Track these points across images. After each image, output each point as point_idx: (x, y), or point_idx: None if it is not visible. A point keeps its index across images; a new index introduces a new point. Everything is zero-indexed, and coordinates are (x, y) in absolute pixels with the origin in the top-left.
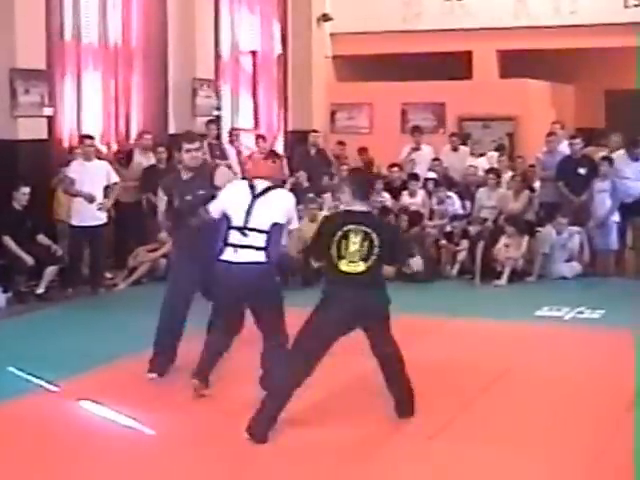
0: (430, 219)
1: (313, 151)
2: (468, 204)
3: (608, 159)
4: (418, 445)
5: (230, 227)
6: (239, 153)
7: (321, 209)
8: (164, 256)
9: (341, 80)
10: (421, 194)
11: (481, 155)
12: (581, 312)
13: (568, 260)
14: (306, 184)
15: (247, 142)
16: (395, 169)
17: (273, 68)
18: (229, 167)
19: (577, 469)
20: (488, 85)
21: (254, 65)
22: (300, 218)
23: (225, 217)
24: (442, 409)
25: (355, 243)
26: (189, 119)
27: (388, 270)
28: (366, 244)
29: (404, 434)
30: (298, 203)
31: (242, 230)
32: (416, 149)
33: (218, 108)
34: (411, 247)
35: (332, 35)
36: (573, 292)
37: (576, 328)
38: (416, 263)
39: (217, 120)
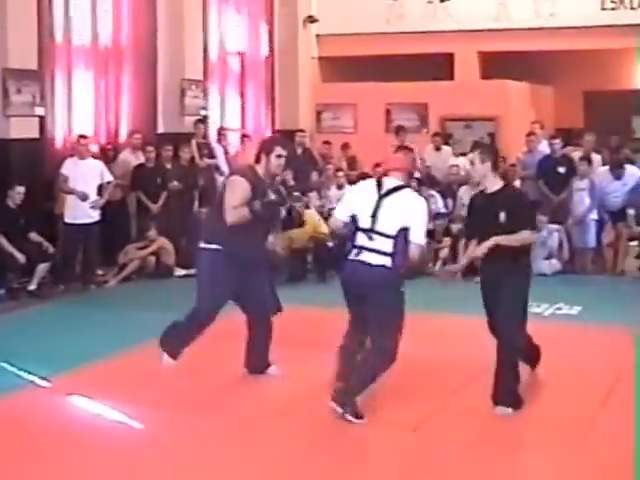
0: None
1: (299, 151)
2: (450, 202)
3: (587, 159)
4: (401, 437)
5: (357, 229)
6: (226, 152)
7: (307, 207)
8: (153, 254)
9: (326, 81)
10: None
11: (462, 155)
12: (559, 308)
13: (547, 257)
14: (292, 183)
15: (235, 141)
16: (379, 169)
17: (260, 69)
18: (217, 167)
19: (552, 462)
20: (469, 86)
21: (242, 66)
22: None
23: (352, 218)
24: (425, 403)
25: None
26: (178, 119)
27: None
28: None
29: (388, 426)
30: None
31: (368, 232)
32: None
33: (206, 108)
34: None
35: (318, 37)
36: (552, 289)
37: (554, 324)
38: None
39: (205, 120)
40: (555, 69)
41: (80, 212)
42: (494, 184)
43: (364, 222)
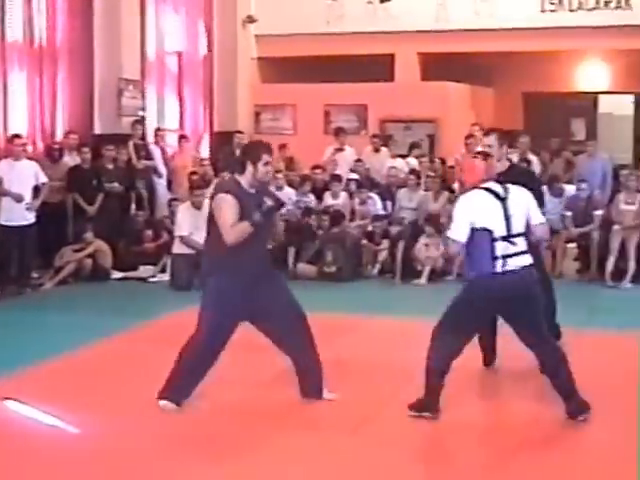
0: (352, 220)
1: (238, 152)
2: (389, 205)
3: (525, 160)
4: (340, 440)
5: (493, 240)
6: (164, 153)
7: None
8: (89, 256)
9: (265, 81)
10: (343, 195)
11: (401, 156)
12: None
13: None
14: None
15: (172, 142)
16: (318, 170)
17: (199, 69)
18: (155, 169)
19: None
20: (409, 87)
21: (180, 66)
22: None
23: (477, 232)
24: (364, 404)
25: None
26: (115, 119)
27: (310, 269)
28: None
29: (327, 429)
30: None
31: (508, 239)
32: (340, 150)
33: (143, 108)
34: None
35: (257, 37)
36: None
37: None
38: None
39: (143, 120)
40: (495, 71)
41: (15, 214)
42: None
43: (499, 230)
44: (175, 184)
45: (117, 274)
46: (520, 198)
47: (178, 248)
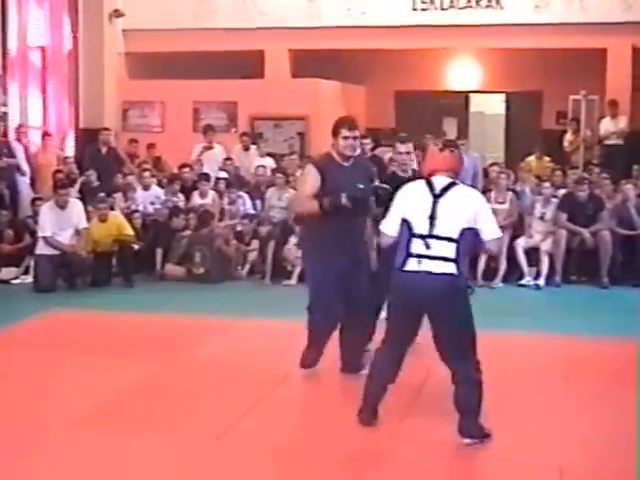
0: (221, 219)
1: (104, 150)
2: (259, 204)
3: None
4: (205, 445)
5: (412, 235)
6: (27, 150)
7: (112, 209)
8: None
9: (133, 78)
10: (212, 194)
11: (269, 155)
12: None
13: None
14: (96, 183)
15: (35, 139)
16: (186, 169)
17: (63, 64)
18: (18, 167)
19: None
20: (280, 84)
21: (43, 61)
22: (89, 219)
23: (403, 224)
24: (229, 409)
25: None
26: None
27: (178, 271)
28: None
29: (191, 434)
30: (86, 203)
31: (425, 239)
32: (209, 148)
33: (5, 104)
34: None
35: (124, 31)
36: None
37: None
38: None
39: (4, 117)
40: (367, 68)
41: None
42: None
43: (420, 227)
44: (39, 183)
45: None
46: (461, 203)
47: (42, 249)
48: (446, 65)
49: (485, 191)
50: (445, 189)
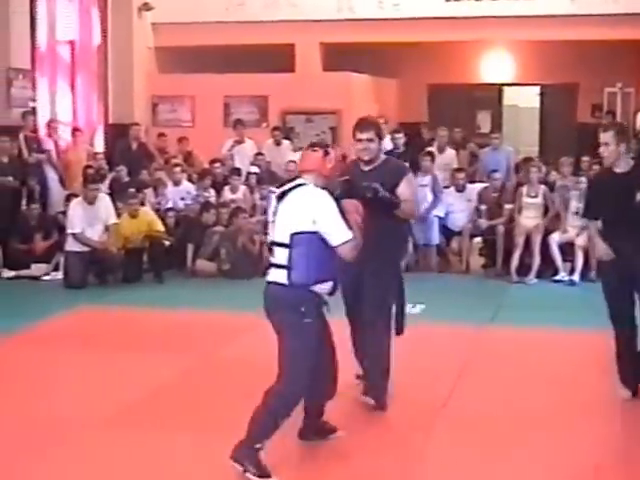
0: (252, 215)
1: (134, 145)
2: None
3: (430, 154)
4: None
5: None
6: (57, 146)
7: (142, 204)
8: None
9: (163, 72)
10: (243, 189)
11: (302, 149)
12: None
13: None
14: (126, 179)
15: (65, 135)
16: (217, 164)
17: (92, 59)
18: (49, 160)
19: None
20: (311, 78)
21: (72, 55)
22: (119, 215)
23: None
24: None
25: None
26: (4, 110)
27: (209, 267)
28: None
29: (220, 433)
30: (116, 199)
31: (270, 246)
32: (239, 143)
33: (34, 99)
34: None
35: (154, 25)
36: None
37: None
38: None
39: (33, 112)
40: (399, 62)
41: None
42: (627, 165)
43: (270, 235)
44: (68, 179)
45: (8, 273)
46: (296, 206)
47: (71, 245)
48: (480, 57)
49: (518, 185)
50: (288, 191)
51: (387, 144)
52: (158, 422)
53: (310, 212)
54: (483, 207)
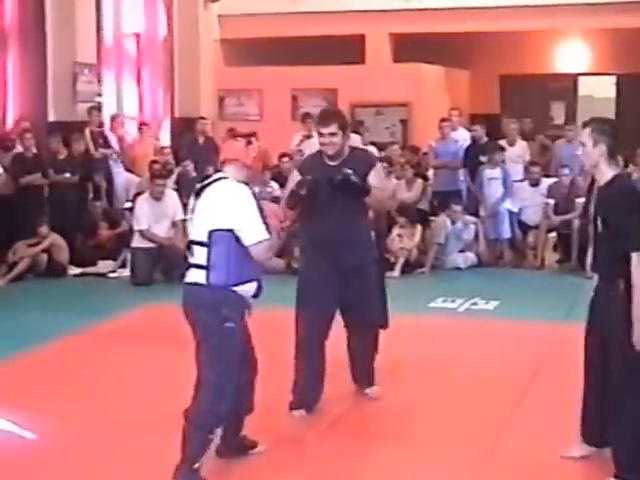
0: None
1: (201, 139)
2: None
3: (499, 147)
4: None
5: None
6: (122, 140)
7: None
8: (45, 251)
9: (230, 65)
10: None
11: (372, 143)
12: (475, 303)
13: (462, 250)
14: (194, 174)
15: (131, 130)
16: (285, 159)
17: (158, 52)
18: (117, 155)
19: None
20: (381, 70)
21: (138, 48)
22: (186, 211)
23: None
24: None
25: None
26: (70, 105)
27: (277, 263)
28: None
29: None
30: (184, 195)
31: (189, 246)
32: (308, 137)
33: (100, 94)
34: None
35: (220, 17)
36: (467, 283)
37: (470, 320)
38: None
39: (99, 107)
40: (470, 52)
41: None
42: (605, 175)
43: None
44: (135, 174)
45: (74, 270)
46: (212, 201)
47: (138, 242)
48: (553, 47)
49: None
50: (206, 186)
51: (459, 136)
52: None
53: (225, 208)
54: (551, 202)
